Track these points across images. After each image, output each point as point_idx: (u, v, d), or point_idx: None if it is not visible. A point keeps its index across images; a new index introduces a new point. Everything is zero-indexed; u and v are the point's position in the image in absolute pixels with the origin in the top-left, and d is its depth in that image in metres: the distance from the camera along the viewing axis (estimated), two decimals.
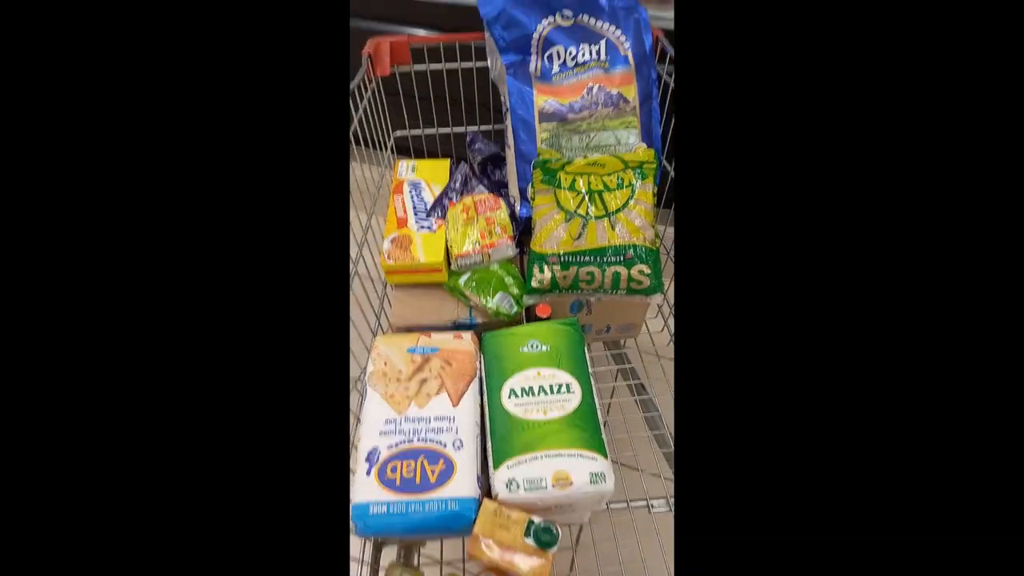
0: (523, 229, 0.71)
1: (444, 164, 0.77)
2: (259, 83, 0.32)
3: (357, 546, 0.55)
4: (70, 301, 0.29)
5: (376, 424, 0.52)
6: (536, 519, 0.47)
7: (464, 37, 0.77)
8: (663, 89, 0.73)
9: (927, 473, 0.29)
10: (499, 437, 0.52)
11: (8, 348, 0.29)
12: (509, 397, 0.54)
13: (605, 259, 0.63)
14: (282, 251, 0.32)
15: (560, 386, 0.55)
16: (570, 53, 0.69)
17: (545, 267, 0.64)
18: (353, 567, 0.54)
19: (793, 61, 0.31)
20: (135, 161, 0.31)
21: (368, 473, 0.49)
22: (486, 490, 0.51)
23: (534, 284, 0.65)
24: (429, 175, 0.75)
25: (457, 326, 0.65)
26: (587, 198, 0.64)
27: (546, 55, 0.70)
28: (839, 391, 0.30)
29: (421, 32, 1.02)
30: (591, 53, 0.69)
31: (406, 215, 0.69)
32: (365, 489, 0.49)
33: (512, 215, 0.71)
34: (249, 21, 0.32)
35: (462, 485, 0.49)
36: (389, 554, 0.60)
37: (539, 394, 0.54)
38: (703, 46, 0.32)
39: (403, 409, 0.53)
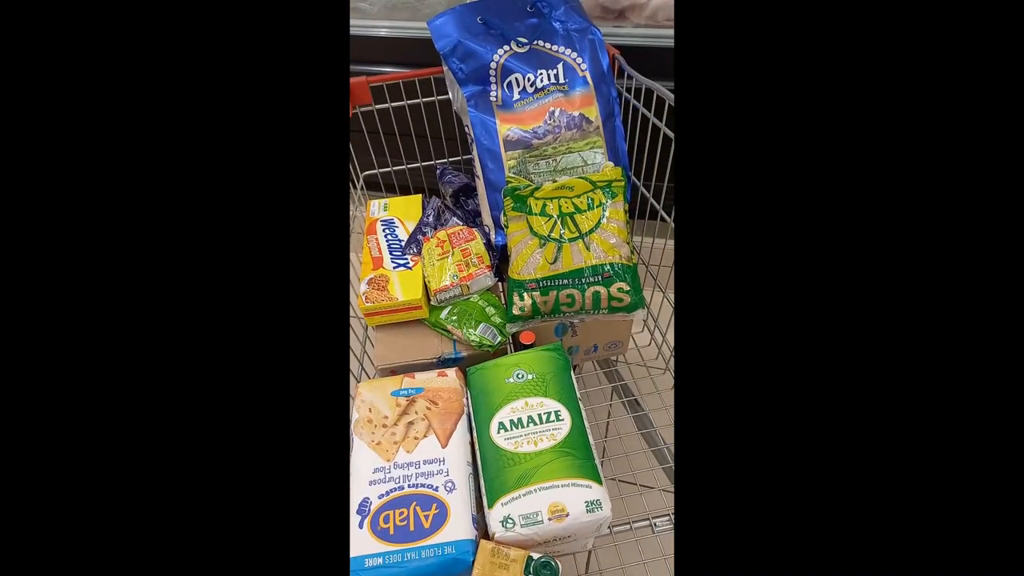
0: (500, 257, 0.71)
1: (416, 200, 0.77)
2: (257, 126, 0.32)
3: None
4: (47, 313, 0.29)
5: (365, 474, 0.51)
6: (535, 555, 0.47)
7: (424, 72, 0.77)
8: (624, 106, 0.74)
9: (930, 485, 0.29)
10: (491, 474, 0.52)
11: (7, 349, 0.29)
12: (498, 431, 0.54)
13: (583, 280, 0.63)
14: (279, 299, 0.32)
15: (549, 414, 0.54)
16: (528, 79, 0.70)
17: (525, 294, 0.64)
18: None
19: (790, 88, 0.31)
20: (140, 209, 0.31)
21: (361, 525, 0.48)
22: (483, 529, 0.51)
23: (515, 311, 0.65)
24: (402, 212, 0.75)
25: (442, 362, 0.65)
26: (559, 221, 0.64)
27: (505, 83, 0.70)
28: (840, 402, 0.30)
29: (386, 70, 1.04)
30: (549, 77, 0.70)
31: (381, 255, 0.69)
32: (359, 542, 0.48)
33: (488, 244, 0.71)
34: (243, 63, 0.32)
35: (457, 528, 0.48)
36: None
37: (528, 425, 0.54)
38: (702, 79, 0.32)
39: (391, 456, 0.52)
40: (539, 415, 0.54)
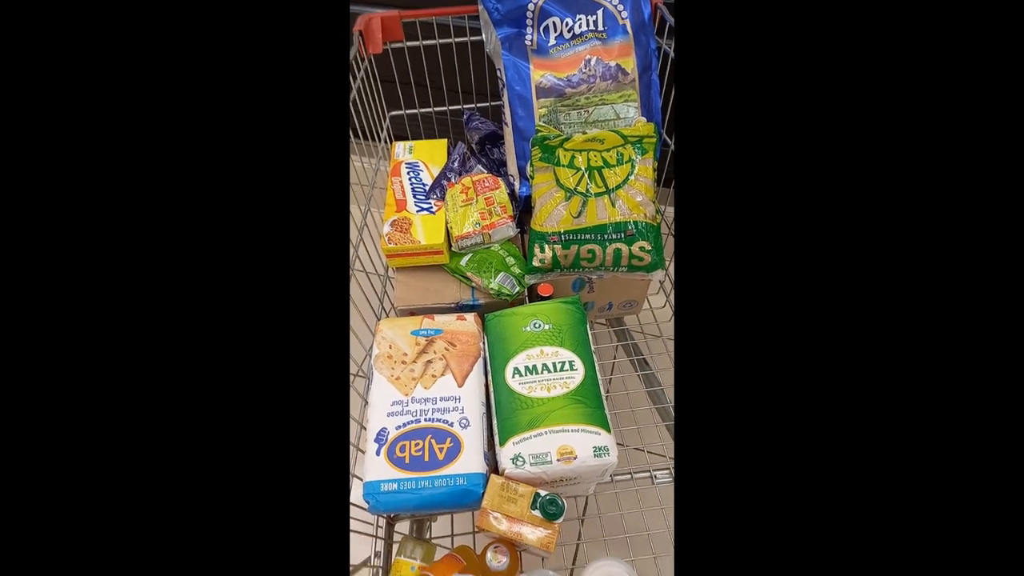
0: (523, 208, 0.71)
1: (442, 144, 0.76)
2: (255, 72, 0.32)
3: (372, 521, 0.57)
4: (65, 298, 0.30)
5: (384, 406, 0.53)
6: (542, 492, 0.49)
7: (457, 10, 0.75)
8: (663, 60, 0.72)
9: (924, 446, 0.30)
10: (504, 415, 0.53)
11: (8, 349, 0.29)
12: (513, 376, 0.55)
13: (606, 236, 0.63)
14: (280, 236, 0.32)
15: (563, 363, 0.56)
16: (566, 24, 0.67)
17: (546, 246, 0.64)
18: (368, 541, 0.56)
19: (796, 34, 0.30)
20: (127, 154, 0.31)
21: (378, 453, 0.51)
22: (493, 466, 0.53)
23: (535, 263, 0.65)
24: (427, 156, 0.74)
25: (460, 307, 0.66)
26: (587, 175, 0.64)
27: (542, 27, 0.68)
28: (836, 371, 0.31)
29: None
30: (588, 23, 0.68)
31: (405, 197, 0.69)
32: (376, 468, 0.50)
33: (512, 194, 0.71)
34: (245, 12, 0.31)
35: (470, 462, 0.50)
36: (402, 528, 0.63)
37: (543, 372, 0.55)
38: (704, 18, 0.31)
39: (410, 391, 0.54)
40: (553, 363, 0.56)
